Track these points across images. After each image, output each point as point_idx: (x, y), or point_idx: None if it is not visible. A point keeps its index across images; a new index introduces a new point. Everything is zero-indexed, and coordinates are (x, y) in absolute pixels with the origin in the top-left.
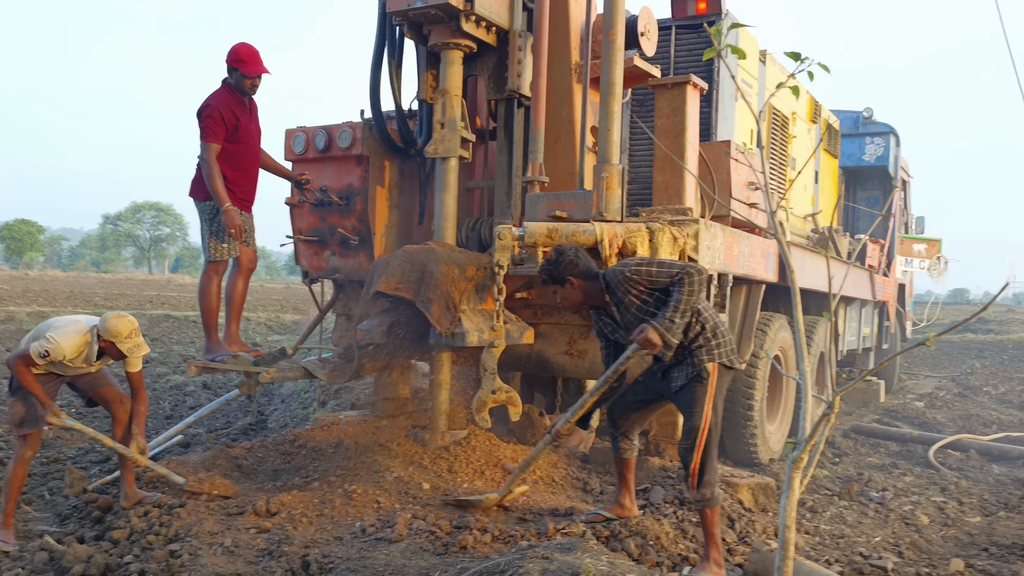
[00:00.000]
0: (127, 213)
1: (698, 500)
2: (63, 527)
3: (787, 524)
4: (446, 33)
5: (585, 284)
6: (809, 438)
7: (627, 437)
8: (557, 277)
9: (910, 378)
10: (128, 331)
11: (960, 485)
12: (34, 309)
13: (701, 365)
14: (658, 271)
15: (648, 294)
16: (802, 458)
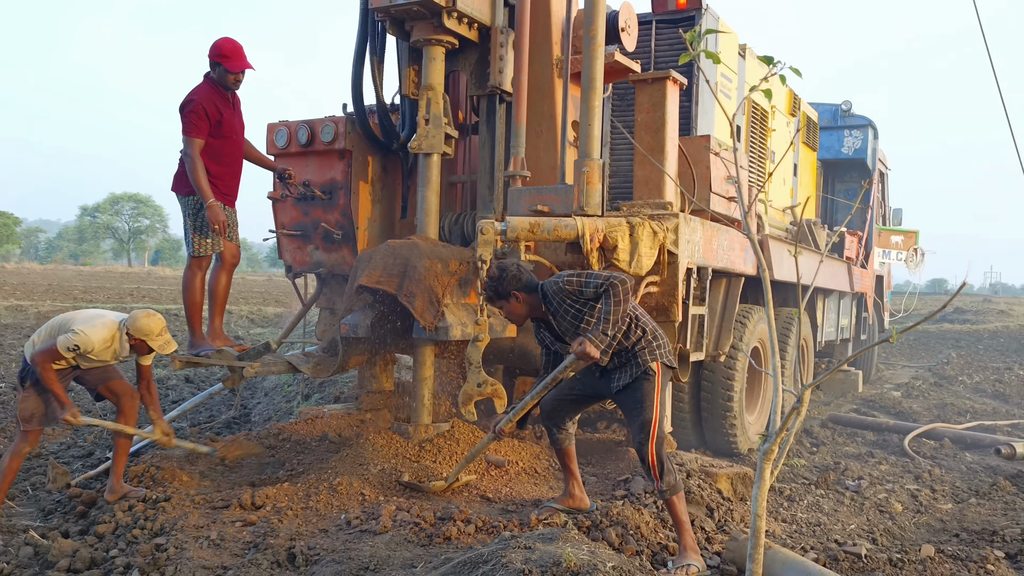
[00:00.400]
0: (105, 204)
1: (663, 490)
2: (47, 522)
3: (758, 513)
4: (428, 29)
5: (528, 297)
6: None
7: (562, 428)
8: (502, 293)
9: (888, 368)
10: (159, 329)
11: (933, 473)
12: (12, 303)
13: (646, 365)
14: (586, 281)
15: (581, 303)
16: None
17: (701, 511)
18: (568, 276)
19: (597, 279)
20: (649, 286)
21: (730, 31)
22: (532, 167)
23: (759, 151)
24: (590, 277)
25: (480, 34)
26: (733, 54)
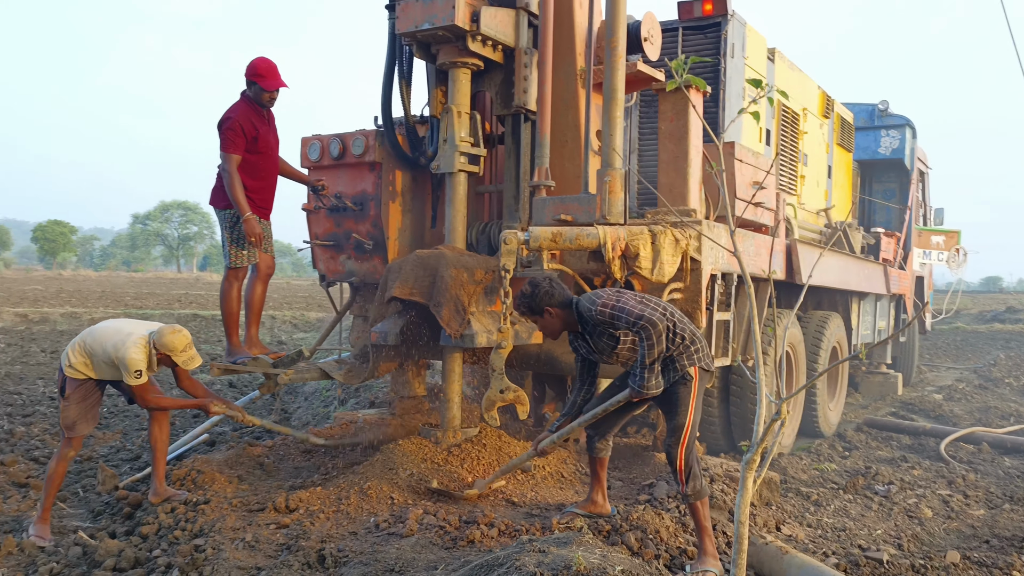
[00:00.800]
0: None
1: (688, 495)
2: (96, 523)
3: (740, 520)
4: (453, 52)
5: (562, 313)
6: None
7: (603, 438)
8: (536, 308)
9: (931, 370)
10: (183, 345)
11: (968, 478)
12: (67, 310)
13: (684, 370)
14: (617, 315)
15: (613, 330)
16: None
17: (723, 516)
18: (601, 307)
19: (628, 317)
20: (672, 293)
21: (758, 35)
22: (557, 177)
23: (790, 154)
24: (621, 312)
25: (504, 55)
26: (762, 57)
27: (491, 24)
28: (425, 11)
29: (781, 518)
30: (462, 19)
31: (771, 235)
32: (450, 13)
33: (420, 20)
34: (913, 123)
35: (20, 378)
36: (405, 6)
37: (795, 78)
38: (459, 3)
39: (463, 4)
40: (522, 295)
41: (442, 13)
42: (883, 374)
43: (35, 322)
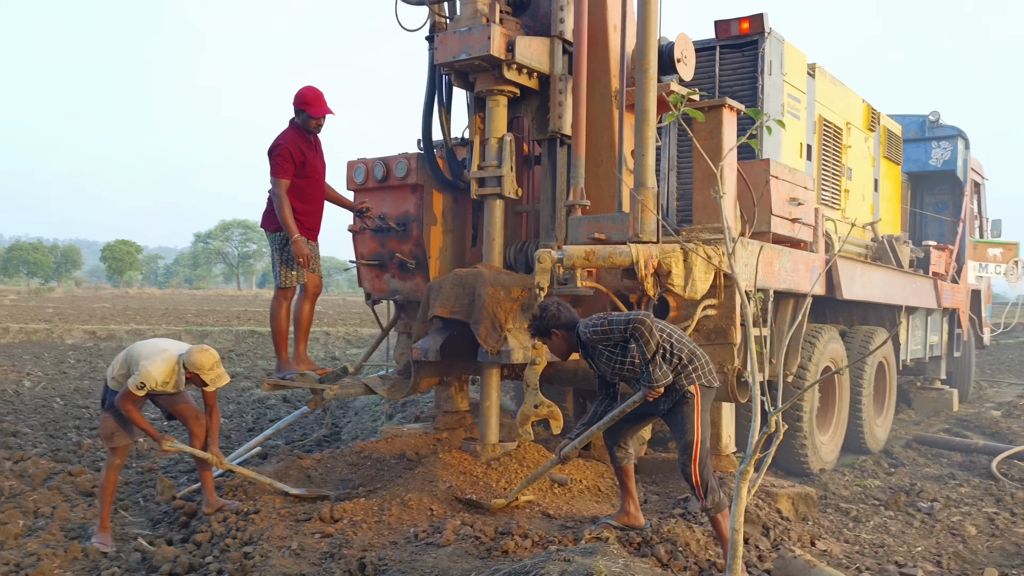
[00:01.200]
0: (217, 231)
1: (708, 508)
2: (155, 531)
3: (736, 528)
4: (490, 81)
5: (568, 335)
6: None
7: (622, 447)
8: (543, 330)
9: (992, 386)
10: (211, 364)
11: (1016, 496)
12: (132, 327)
13: (684, 389)
14: (610, 328)
15: (612, 346)
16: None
17: (757, 530)
18: (594, 325)
19: (619, 323)
20: (707, 309)
21: (797, 51)
22: (593, 196)
23: (833, 169)
24: (612, 323)
25: (540, 82)
26: (802, 73)
27: (526, 53)
28: (462, 42)
29: (817, 533)
30: (497, 49)
31: (810, 250)
32: (486, 44)
33: (457, 51)
34: (965, 134)
35: (88, 393)
36: (443, 38)
37: (837, 92)
38: (494, 34)
39: (498, 35)
40: (533, 317)
41: (478, 44)
42: (937, 390)
43: (102, 339)
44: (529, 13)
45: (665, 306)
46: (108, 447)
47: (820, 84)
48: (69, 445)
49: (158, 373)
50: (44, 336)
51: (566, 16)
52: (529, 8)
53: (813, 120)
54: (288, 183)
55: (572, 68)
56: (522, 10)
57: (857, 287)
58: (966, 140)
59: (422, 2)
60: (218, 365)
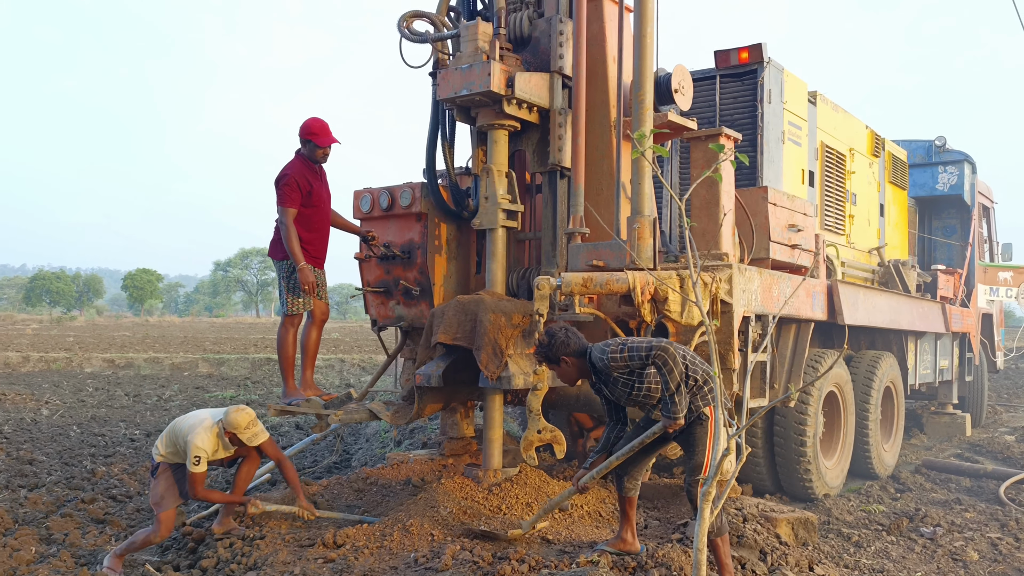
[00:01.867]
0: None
1: (709, 532)
2: (163, 557)
3: (699, 548)
4: (491, 115)
5: (577, 362)
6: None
7: (631, 477)
8: (552, 358)
9: (1007, 410)
10: (247, 423)
11: (1022, 521)
12: (151, 355)
13: (699, 410)
14: (630, 355)
15: (628, 373)
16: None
17: (754, 555)
18: (612, 352)
19: (640, 351)
20: (704, 335)
21: (798, 80)
22: (592, 224)
23: (836, 194)
24: (632, 350)
25: (540, 116)
26: (802, 101)
27: (526, 88)
28: (463, 78)
29: (816, 558)
30: (497, 85)
31: (811, 276)
32: (486, 80)
33: (459, 87)
34: (972, 159)
35: (104, 421)
36: (445, 74)
37: (840, 119)
38: (495, 70)
39: (498, 71)
40: (540, 344)
41: (479, 80)
42: (950, 415)
43: (121, 367)
44: (529, 49)
45: (663, 331)
46: (156, 514)
47: (822, 111)
48: (83, 472)
49: (206, 444)
50: (64, 364)
51: (565, 52)
52: (529, 44)
53: (815, 147)
54: (295, 212)
55: (572, 101)
56: (522, 46)
57: (860, 312)
58: (973, 164)
59: (425, 40)
60: (254, 424)
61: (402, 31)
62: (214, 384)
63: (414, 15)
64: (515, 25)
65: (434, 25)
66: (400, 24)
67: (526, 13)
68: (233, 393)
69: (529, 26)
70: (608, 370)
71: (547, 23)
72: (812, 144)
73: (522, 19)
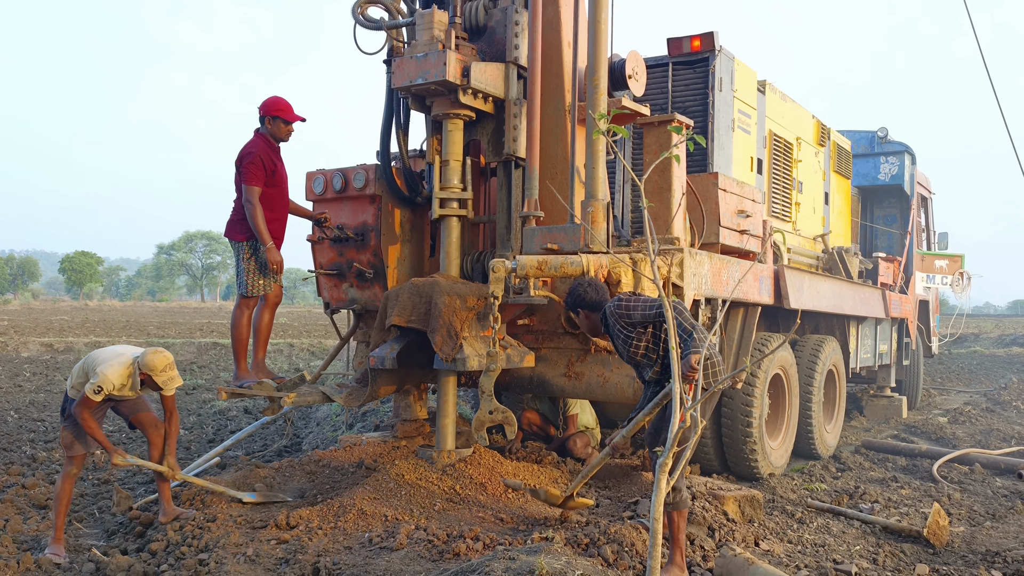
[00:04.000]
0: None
1: (667, 503)
2: (110, 541)
3: (655, 517)
4: (446, 105)
5: (592, 315)
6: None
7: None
8: (572, 307)
9: (941, 393)
10: (163, 365)
11: (953, 497)
12: (91, 339)
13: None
14: (633, 305)
15: (630, 328)
16: (667, 462)
17: (702, 531)
18: (621, 300)
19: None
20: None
21: (748, 69)
22: (547, 207)
23: (783, 182)
24: (638, 303)
25: (495, 106)
26: (752, 90)
27: (481, 78)
28: (418, 67)
29: (761, 534)
30: (453, 74)
31: (758, 261)
32: (442, 69)
33: (414, 75)
34: (912, 149)
35: (44, 406)
36: (400, 62)
37: (787, 108)
38: (450, 59)
39: (454, 60)
40: (566, 295)
41: (434, 69)
42: (888, 397)
43: (60, 351)
44: (485, 38)
45: None
46: (67, 456)
47: (770, 100)
48: (23, 458)
49: (115, 376)
50: None
51: (520, 42)
52: (485, 34)
53: (763, 135)
54: (260, 191)
55: (527, 91)
56: (478, 35)
57: (805, 297)
58: (912, 155)
59: (380, 27)
60: (171, 367)
61: (356, 17)
62: None
63: (369, 1)
64: (471, 14)
65: (389, 12)
66: (354, 10)
67: (482, 2)
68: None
69: (485, 15)
70: (614, 319)
71: (503, 12)
72: (761, 132)
73: (478, 8)
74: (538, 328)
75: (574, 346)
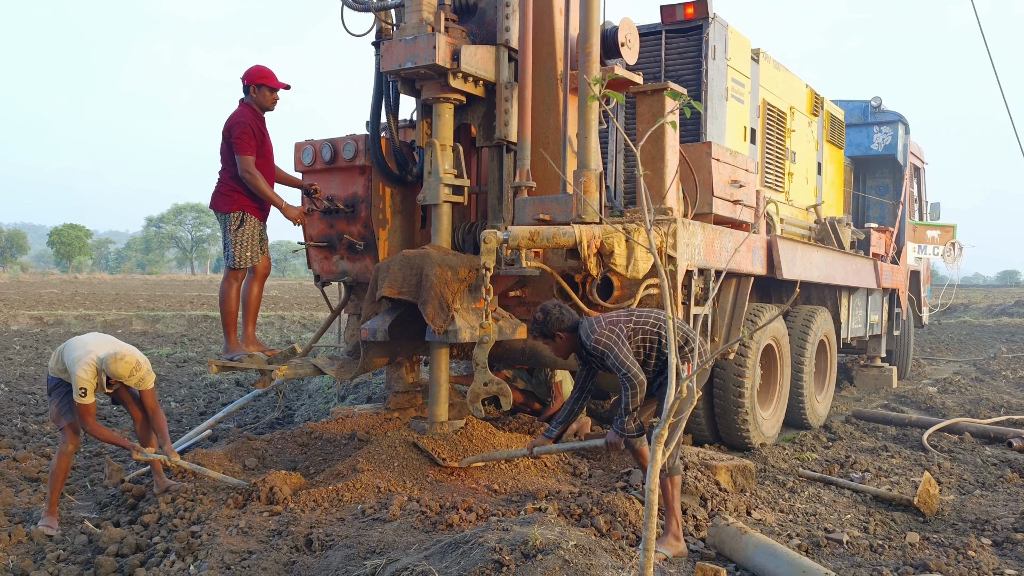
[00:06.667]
0: (169, 215)
1: (662, 470)
2: (102, 514)
3: (651, 488)
4: (436, 88)
5: (571, 336)
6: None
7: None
8: (548, 333)
9: (930, 363)
10: (128, 371)
11: (943, 466)
12: (81, 312)
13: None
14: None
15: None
16: (663, 434)
17: (695, 501)
18: (595, 341)
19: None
20: (649, 288)
21: (742, 37)
22: (539, 178)
23: (776, 152)
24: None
25: (486, 89)
26: (745, 59)
27: (471, 62)
28: (408, 50)
29: (753, 503)
30: (443, 58)
31: (751, 232)
32: (431, 53)
33: (403, 59)
34: (906, 119)
35: (34, 379)
36: (389, 45)
37: (781, 77)
38: (440, 43)
39: (443, 43)
40: (535, 321)
41: (424, 53)
42: (878, 367)
43: (50, 324)
44: (475, 20)
45: (609, 285)
46: (59, 430)
47: (764, 69)
48: (14, 431)
49: (88, 377)
50: None
51: (511, 24)
52: (475, 15)
53: (757, 104)
54: (254, 159)
55: (518, 74)
56: (468, 16)
57: (798, 267)
58: (906, 125)
59: (368, 9)
60: (137, 370)
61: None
62: (149, 342)
63: None
64: None
65: None
66: None
67: None
68: (170, 350)
69: None
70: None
71: None
72: (754, 101)
73: None
74: (530, 299)
75: None
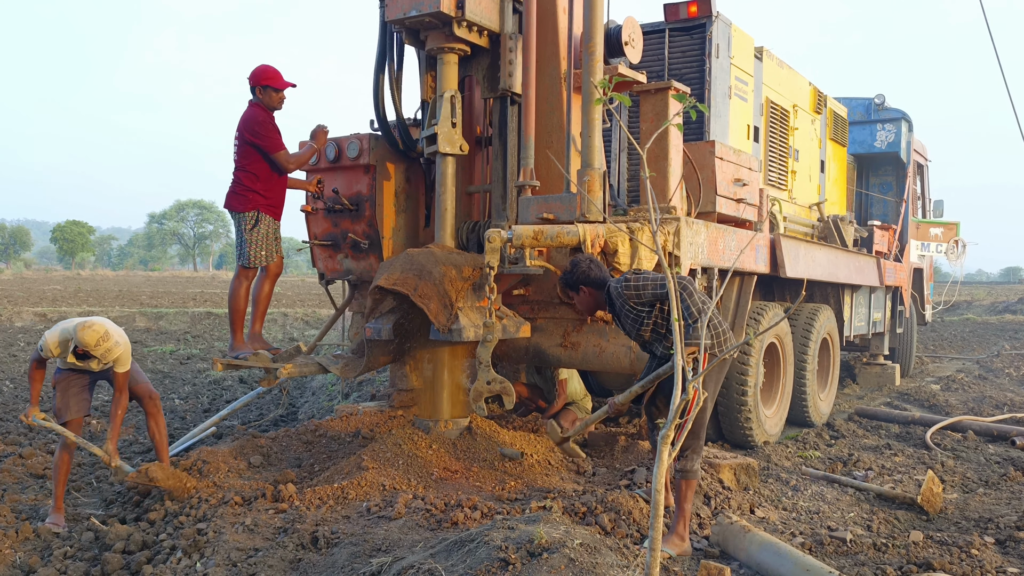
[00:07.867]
0: (172, 212)
1: (679, 469)
2: (108, 510)
3: (657, 488)
4: (441, 38)
5: (595, 292)
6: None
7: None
8: (572, 284)
9: (934, 361)
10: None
11: (947, 464)
12: (84, 309)
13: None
14: (641, 284)
15: (640, 307)
16: (669, 434)
17: (699, 499)
18: (626, 280)
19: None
20: None
21: (745, 35)
22: (543, 177)
23: (780, 150)
24: (647, 280)
25: (490, 40)
26: (749, 57)
27: (476, 10)
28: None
29: (756, 502)
30: (448, 6)
31: (755, 230)
32: (436, 1)
33: (408, 8)
34: (909, 116)
35: None
36: None
37: (784, 75)
38: None
39: None
40: (563, 272)
41: (429, 1)
42: (881, 365)
43: (53, 321)
44: None
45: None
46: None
47: (767, 67)
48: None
49: (51, 343)
50: None
51: None
52: None
53: (760, 102)
54: (287, 151)
55: (522, 28)
56: None
57: (801, 266)
58: (910, 123)
59: None
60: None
61: None
62: (152, 338)
63: None
64: None
65: None
66: None
67: None
68: (173, 347)
69: None
70: (622, 300)
71: None
72: (757, 100)
73: None
74: (534, 298)
75: (570, 316)
